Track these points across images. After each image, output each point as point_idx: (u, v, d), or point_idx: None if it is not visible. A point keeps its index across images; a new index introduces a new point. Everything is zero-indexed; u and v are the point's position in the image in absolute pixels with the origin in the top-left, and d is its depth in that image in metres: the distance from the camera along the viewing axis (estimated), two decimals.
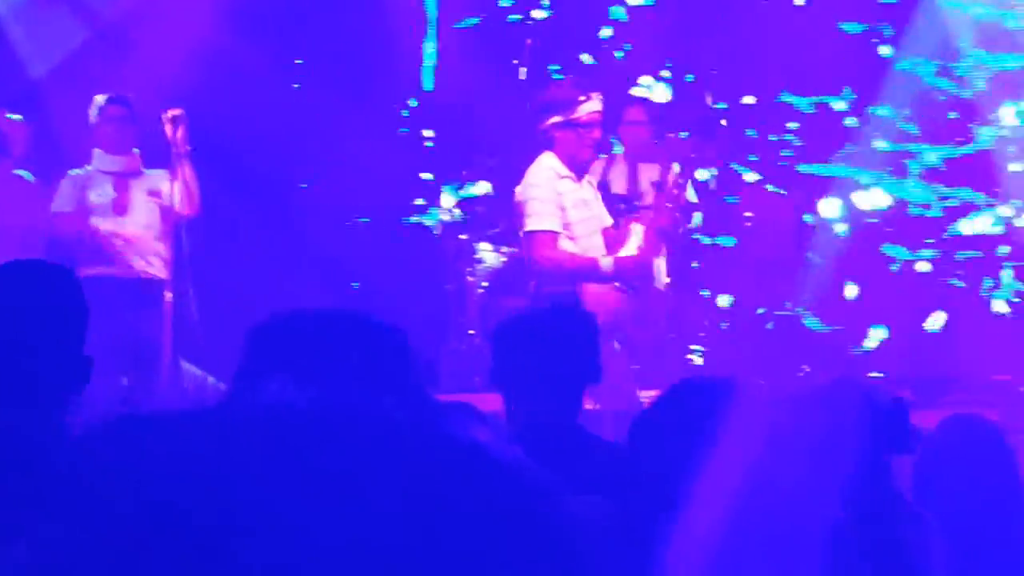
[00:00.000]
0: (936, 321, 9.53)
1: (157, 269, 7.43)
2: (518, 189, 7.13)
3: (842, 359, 9.06)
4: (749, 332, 8.97)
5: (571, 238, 7.04)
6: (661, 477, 3.09)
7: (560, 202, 7.00)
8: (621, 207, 8.32)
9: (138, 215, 7.46)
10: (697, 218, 8.99)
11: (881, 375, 8.82)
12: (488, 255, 8.81)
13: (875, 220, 9.60)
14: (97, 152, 7.51)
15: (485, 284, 8.67)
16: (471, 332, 8.64)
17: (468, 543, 1.03)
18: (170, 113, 7.32)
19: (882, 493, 3.02)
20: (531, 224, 7.01)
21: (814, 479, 2.78)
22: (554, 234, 6.99)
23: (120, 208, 7.44)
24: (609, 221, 7.29)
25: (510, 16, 10.12)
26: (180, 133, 7.26)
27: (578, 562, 1.08)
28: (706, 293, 9.10)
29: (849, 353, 9.31)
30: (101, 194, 7.48)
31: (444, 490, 1.04)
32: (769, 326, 9.10)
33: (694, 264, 8.96)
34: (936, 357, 9.41)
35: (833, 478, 2.80)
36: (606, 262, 7.01)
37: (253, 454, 1.03)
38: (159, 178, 7.50)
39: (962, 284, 9.38)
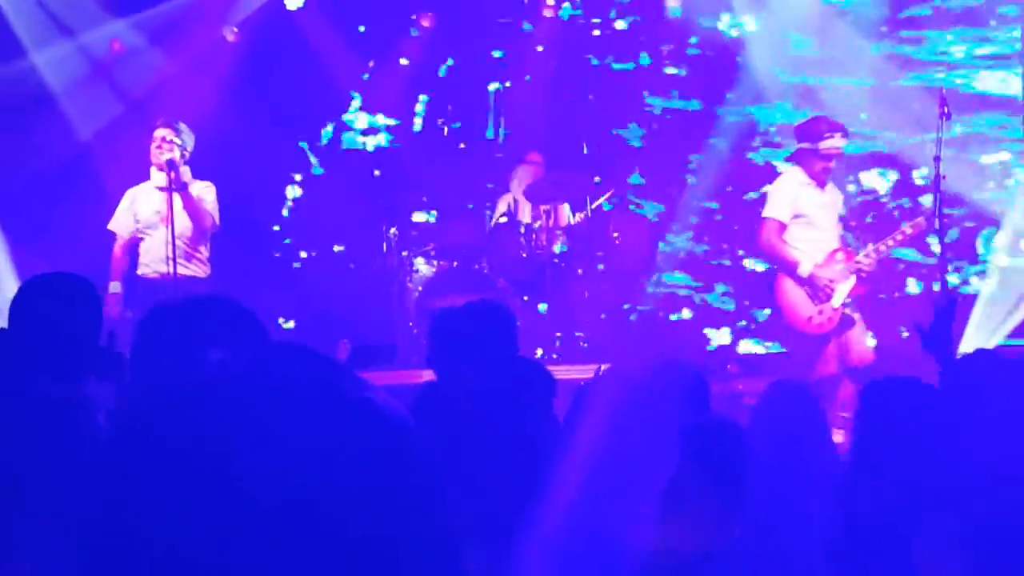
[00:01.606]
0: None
1: (194, 270, 8.02)
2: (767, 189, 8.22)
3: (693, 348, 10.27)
4: (617, 324, 10.26)
5: (812, 227, 8.01)
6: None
7: (798, 202, 7.97)
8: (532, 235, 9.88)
9: (181, 223, 7.81)
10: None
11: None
12: (423, 267, 10.27)
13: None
14: (152, 169, 8.00)
15: (420, 288, 10.14)
16: (411, 324, 10.09)
17: (365, 481, 1.22)
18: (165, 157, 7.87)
19: (713, 427, 3.53)
20: (764, 211, 8.07)
21: (654, 431, 3.30)
22: (779, 223, 7.98)
23: (166, 217, 7.73)
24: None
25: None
26: (173, 174, 7.85)
27: (439, 505, 1.28)
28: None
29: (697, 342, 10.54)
30: (151, 206, 7.95)
31: (342, 435, 1.22)
32: (632, 317, 10.52)
33: (579, 271, 10.47)
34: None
35: (669, 430, 3.34)
36: (805, 268, 7.90)
37: (251, 415, 1.23)
38: (199, 189, 8.02)
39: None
